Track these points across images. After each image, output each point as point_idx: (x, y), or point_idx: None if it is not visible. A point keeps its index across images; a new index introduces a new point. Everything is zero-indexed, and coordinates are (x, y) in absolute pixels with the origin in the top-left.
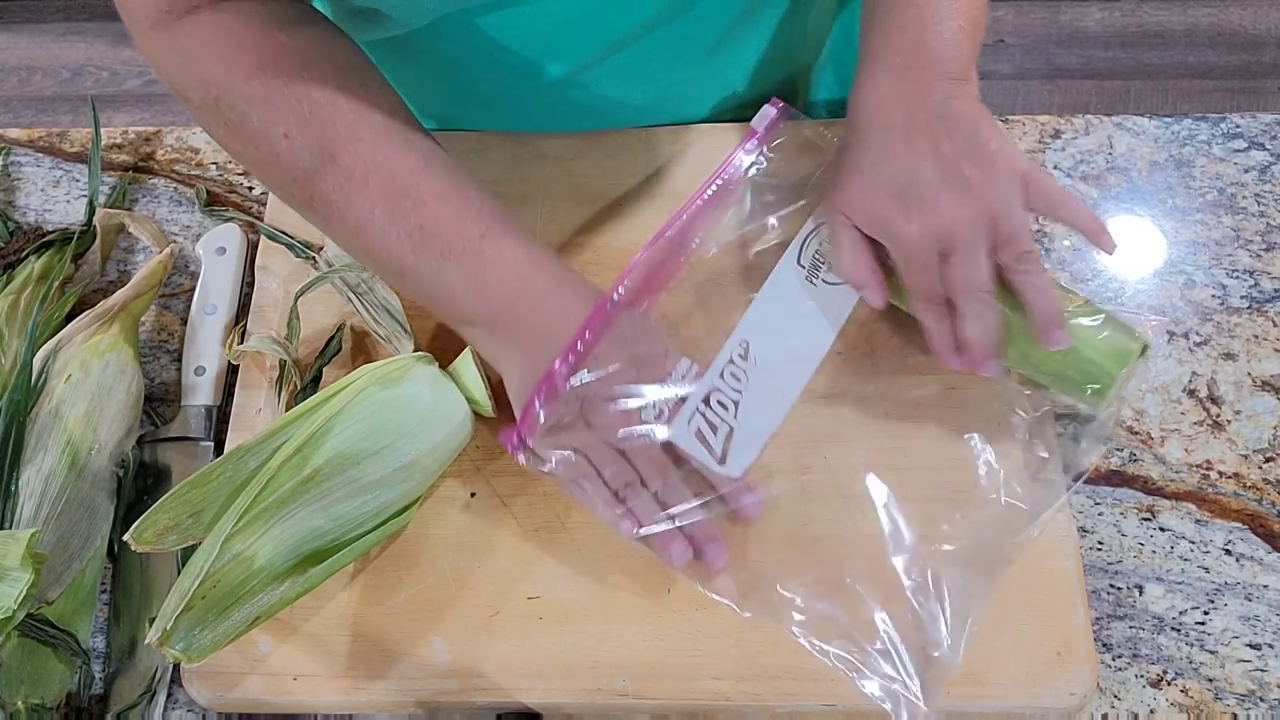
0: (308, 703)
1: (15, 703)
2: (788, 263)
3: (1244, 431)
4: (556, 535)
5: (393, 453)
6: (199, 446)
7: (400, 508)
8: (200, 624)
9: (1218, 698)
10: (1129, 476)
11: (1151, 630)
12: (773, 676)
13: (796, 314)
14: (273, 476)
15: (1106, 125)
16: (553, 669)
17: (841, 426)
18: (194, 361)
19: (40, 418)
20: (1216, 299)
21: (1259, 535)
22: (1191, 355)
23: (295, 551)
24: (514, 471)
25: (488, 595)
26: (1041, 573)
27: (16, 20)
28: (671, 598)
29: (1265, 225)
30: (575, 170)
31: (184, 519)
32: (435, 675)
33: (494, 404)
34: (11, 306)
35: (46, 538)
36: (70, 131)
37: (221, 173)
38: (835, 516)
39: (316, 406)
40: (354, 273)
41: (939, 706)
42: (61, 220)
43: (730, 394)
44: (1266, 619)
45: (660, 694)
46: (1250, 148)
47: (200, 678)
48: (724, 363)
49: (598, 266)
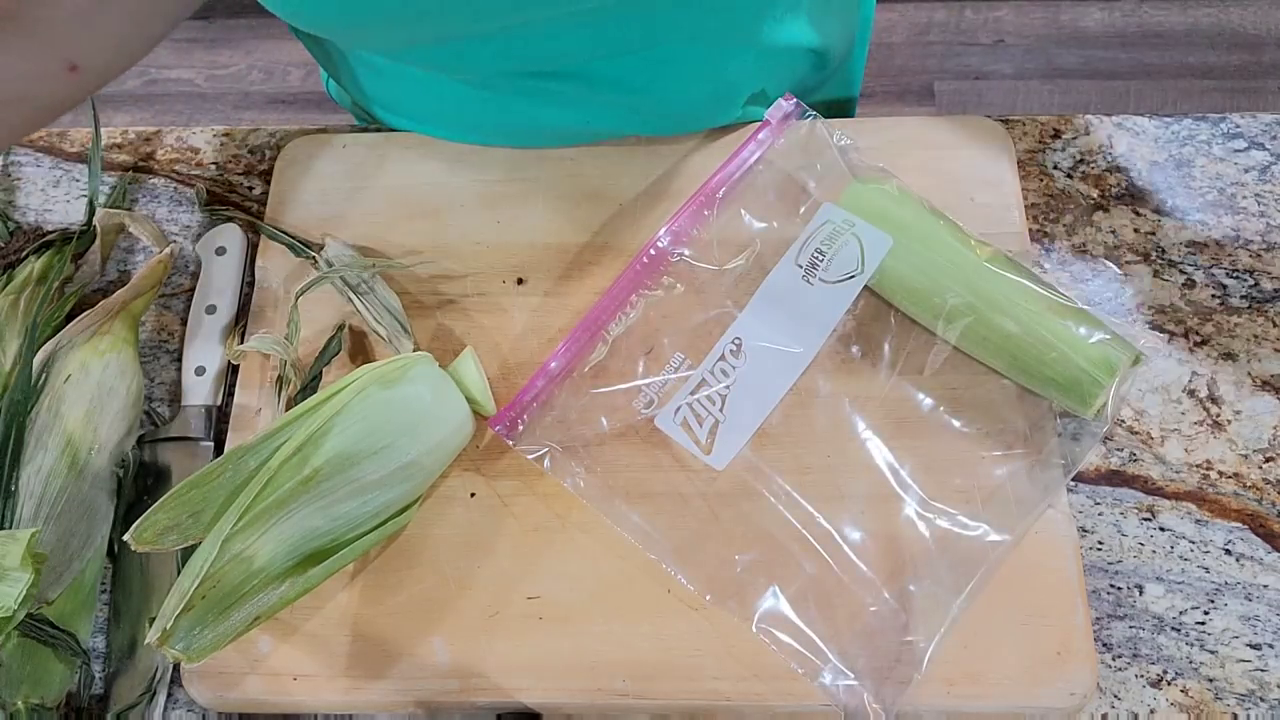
0: (308, 703)
1: (15, 703)
2: (786, 262)
3: (1244, 431)
4: (556, 535)
5: (393, 453)
6: (199, 446)
7: (400, 508)
8: (200, 624)
9: (1218, 698)
10: (1129, 476)
11: (1151, 630)
12: (773, 676)
13: (791, 313)
14: (272, 476)
15: (1106, 125)
16: (553, 669)
17: (841, 426)
18: (194, 361)
19: (40, 418)
20: (1216, 299)
21: (1259, 535)
22: (1191, 355)
23: (295, 551)
24: (514, 471)
25: (488, 595)
26: (1041, 573)
27: None
28: (671, 598)
29: (1265, 225)
30: (575, 170)
31: (184, 519)
32: (435, 675)
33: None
34: (11, 306)
35: (46, 538)
36: (70, 131)
37: (221, 173)
38: (834, 516)
39: (316, 406)
40: (354, 273)
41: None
42: (61, 220)
43: (719, 388)
44: (1266, 619)
45: (660, 694)
46: (1250, 148)
47: (200, 678)
48: (716, 357)
49: (597, 267)
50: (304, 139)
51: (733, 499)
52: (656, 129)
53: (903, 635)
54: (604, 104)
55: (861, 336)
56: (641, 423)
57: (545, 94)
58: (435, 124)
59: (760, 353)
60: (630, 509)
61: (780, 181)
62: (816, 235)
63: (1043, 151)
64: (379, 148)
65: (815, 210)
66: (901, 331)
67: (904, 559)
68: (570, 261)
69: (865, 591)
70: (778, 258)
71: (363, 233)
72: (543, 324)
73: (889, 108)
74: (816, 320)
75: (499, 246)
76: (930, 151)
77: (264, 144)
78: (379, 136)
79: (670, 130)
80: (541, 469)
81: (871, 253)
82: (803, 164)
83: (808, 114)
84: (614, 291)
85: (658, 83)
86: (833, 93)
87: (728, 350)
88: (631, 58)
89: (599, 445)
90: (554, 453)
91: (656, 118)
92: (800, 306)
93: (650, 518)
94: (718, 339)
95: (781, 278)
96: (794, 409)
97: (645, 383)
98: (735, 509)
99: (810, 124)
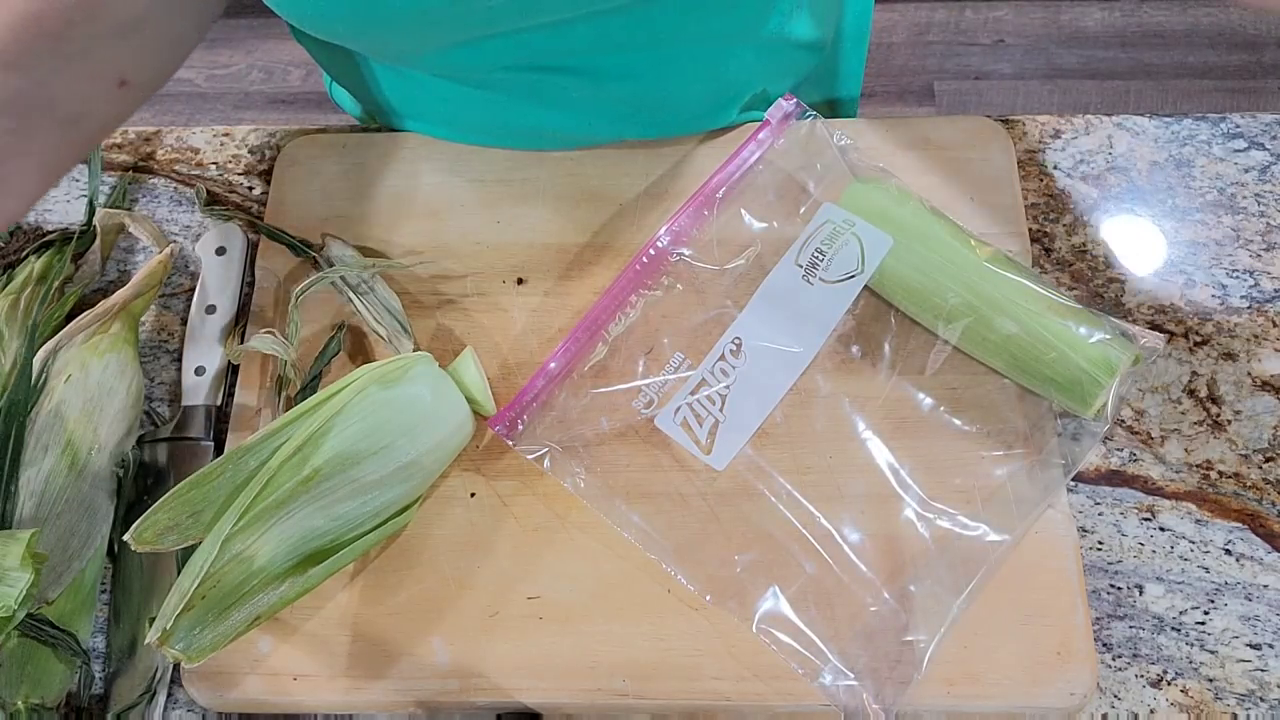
0: (308, 703)
1: (15, 703)
2: (786, 261)
3: (1244, 431)
4: (556, 535)
5: (393, 453)
6: (199, 446)
7: (400, 508)
8: (200, 624)
9: (1218, 698)
10: (1129, 476)
11: (1151, 630)
12: (773, 676)
13: (791, 313)
14: (273, 476)
15: (1106, 125)
16: (553, 669)
17: (841, 426)
18: (194, 361)
19: (40, 418)
20: (1216, 299)
21: (1259, 535)
22: (1191, 355)
23: (295, 551)
24: (514, 471)
25: (488, 595)
26: (1041, 573)
27: None
28: (671, 598)
29: (1265, 225)
30: (575, 170)
31: (184, 519)
32: (435, 675)
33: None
34: (11, 306)
35: (46, 538)
36: None
37: (221, 173)
38: (834, 516)
39: (316, 406)
40: (354, 273)
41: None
42: (61, 220)
43: (719, 388)
44: (1266, 619)
45: (660, 694)
46: (1250, 148)
47: (200, 678)
48: (716, 357)
49: (597, 267)
50: (304, 139)
51: (733, 499)
52: (656, 131)
53: (903, 635)
54: (606, 103)
55: (861, 336)
56: (641, 423)
57: (548, 92)
58: (438, 125)
59: (760, 352)
60: (630, 509)
61: (780, 181)
62: (816, 235)
63: (1043, 151)
64: (379, 148)
65: (815, 210)
66: (901, 331)
67: (904, 559)
68: (570, 261)
69: (865, 592)
70: (778, 257)
71: (363, 233)
72: (543, 324)
73: (889, 108)
74: (816, 320)
75: (499, 246)
76: (930, 151)
77: (264, 144)
78: (379, 136)
79: (670, 133)
80: (541, 469)
81: (871, 253)
82: (803, 164)
83: (808, 114)
84: (614, 291)
85: (661, 79)
86: (833, 93)
87: (727, 350)
88: (636, 54)
89: (599, 445)
90: (554, 453)
91: (657, 118)
92: (800, 306)
93: (650, 518)
94: (718, 339)
95: (781, 277)
96: (794, 409)
97: (645, 383)
98: (735, 509)
99: (810, 124)
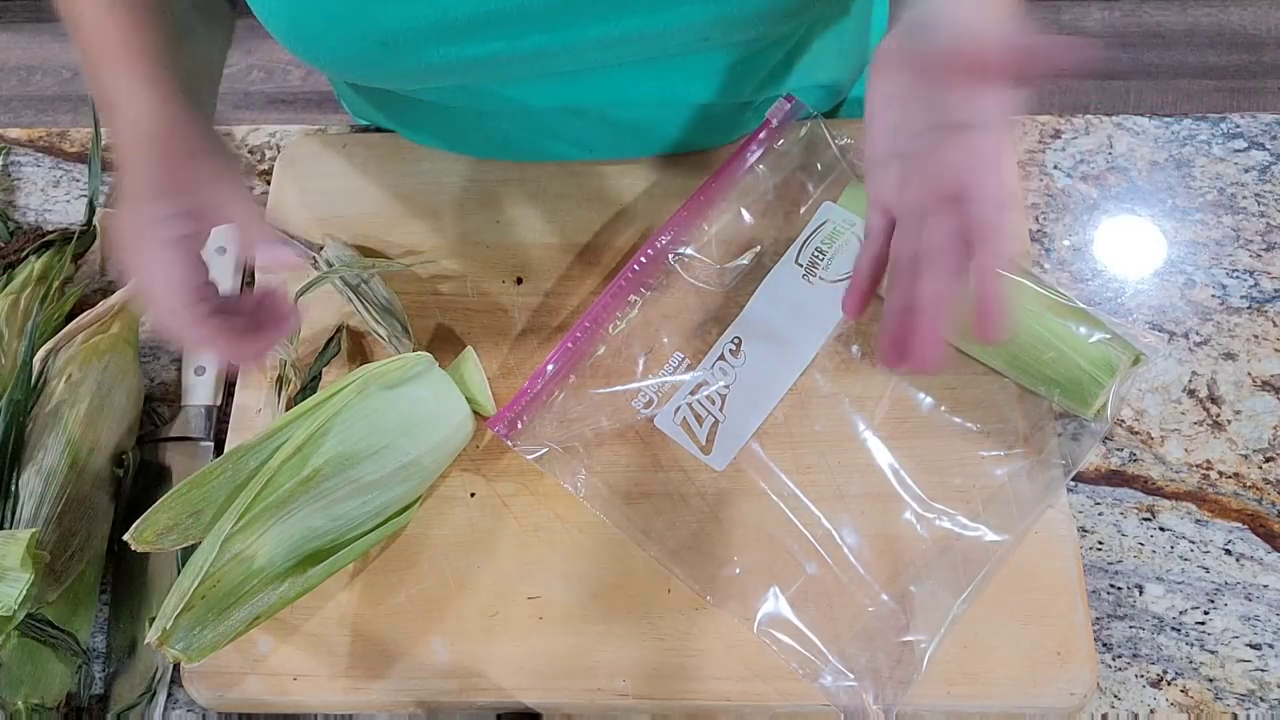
0: (308, 703)
1: (15, 703)
2: (786, 261)
3: (1244, 431)
4: (556, 535)
5: (393, 453)
6: (199, 446)
7: (400, 508)
8: (200, 624)
9: (1218, 698)
10: (1129, 476)
11: (1151, 630)
12: (773, 676)
13: (791, 313)
14: (273, 476)
15: (1106, 125)
16: (553, 669)
17: (841, 426)
18: (194, 361)
19: (40, 418)
20: (1216, 299)
21: (1259, 535)
22: (1191, 355)
23: (295, 551)
24: (514, 471)
25: (488, 595)
26: (1041, 573)
27: (16, 20)
28: (671, 598)
29: (1265, 225)
30: (576, 170)
31: (184, 519)
32: (435, 675)
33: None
34: (11, 306)
35: (46, 538)
36: (70, 131)
37: None
38: (834, 516)
39: (316, 406)
40: (354, 273)
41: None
42: (61, 220)
43: (718, 387)
44: (1266, 619)
45: (660, 694)
46: (1250, 148)
47: (200, 678)
48: (715, 357)
49: (597, 267)
50: (304, 139)
51: (732, 499)
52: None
53: (903, 636)
54: (610, 135)
55: (861, 336)
56: (641, 423)
57: (552, 123)
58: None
59: (760, 352)
60: (630, 509)
61: (780, 181)
62: (817, 235)
63: (1043, 151)
64: (379, 148)
65: (815, 210)
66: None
67: (904, 560)
68: (570, 261)
69: (865, 592)
70: (778, 257)
71: (363, 233)
72: (543, 324)
73: None
74: (816, 320)
75: (499, 246)
76: None
77: (264, 144)
78: (379, 136)
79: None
80: (541, 469)
81: None
82: (803, 164)
83: (808, 114)
84: (614, 291)
85: (670, 126)
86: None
87: (727, 350)
88: (646, 109)
89: (599, 445)
90: (554, 453)
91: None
92: (800, 306)
93: (650, 518)
94: (717, 338)
95: (782, 277)
96: (794, 409)
97: (645, 383)
98: (735, 509)
99: (810, 124)
